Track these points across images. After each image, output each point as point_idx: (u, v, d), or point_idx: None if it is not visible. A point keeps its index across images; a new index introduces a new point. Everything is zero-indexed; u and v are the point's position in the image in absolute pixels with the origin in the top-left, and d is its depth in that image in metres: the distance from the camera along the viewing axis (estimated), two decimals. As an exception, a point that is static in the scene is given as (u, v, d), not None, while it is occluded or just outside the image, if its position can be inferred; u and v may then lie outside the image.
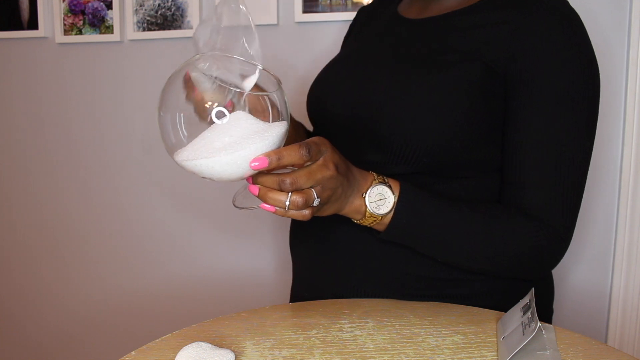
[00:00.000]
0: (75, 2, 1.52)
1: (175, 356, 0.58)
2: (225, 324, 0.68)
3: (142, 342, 0.67)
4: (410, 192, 0.68)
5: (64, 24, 1.54)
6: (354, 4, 1.34)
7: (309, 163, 0.59)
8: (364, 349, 0.61)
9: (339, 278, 0.79)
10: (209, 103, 0.55)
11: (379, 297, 0.77)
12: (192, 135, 0.56)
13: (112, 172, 1.60)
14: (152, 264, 1.61)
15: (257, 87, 0.59)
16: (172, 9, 1.45)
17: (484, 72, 0.72)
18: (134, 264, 1.62)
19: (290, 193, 0.57)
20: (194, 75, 0.57)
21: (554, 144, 0.70)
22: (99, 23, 1.51)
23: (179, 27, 1.45)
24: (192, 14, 1.44)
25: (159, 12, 1.46)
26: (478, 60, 0.72)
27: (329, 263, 0.80)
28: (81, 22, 1.52)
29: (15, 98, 1.64)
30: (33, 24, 1.56)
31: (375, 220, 0.67)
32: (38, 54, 1.59)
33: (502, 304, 0.73)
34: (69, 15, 1.53)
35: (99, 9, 1.51)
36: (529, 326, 0.58)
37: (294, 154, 0.56)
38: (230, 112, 0.55)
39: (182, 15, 1.44)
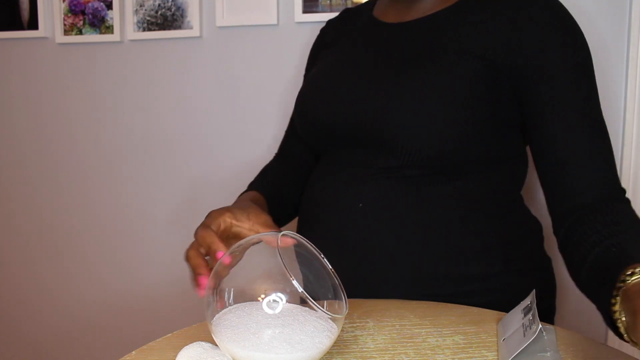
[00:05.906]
0: (75, 2, 1.52)
1: (175, 356, 0.58)
2: (226, 324, 0.68)
3: (142, 342, 0.67)
4: None
5: (64, 24, 1.54)
6: (354, 4, 1.34)
7: None
8: (364, 349, 0.61)
9: (352, 278, 0.79)
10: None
11: (393, 297, 0.77)
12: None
13: (111, 172, 1.60)
14: (153, 264, 1.61)
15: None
16: (172, 9, 1.45)
17: (485, 68, 0.73)
18: (135, 263, 1.62)
19: None
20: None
21: (589, 122, 0.72)
22: (99, 23, 1.51)
23: (179, 27, 1.45)
24: (192, 14, 1.43)
25: (159, 12, 1.46)
26: (477, 57, 0.73)
27: (342, 262, 0.80)
28: (81, 22, 1.52)
29: (15, 98, 1.64)
30: (33, 24, 1.56)
31: None
32: (38, 54, 1.59)
33: (505, 300, 0.74)
34: (69, 15, 1.53)
35: (99, 9, 1.51)
36: (530, 328, 0.58)
37: None
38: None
39: (182, 16, 1.44)
